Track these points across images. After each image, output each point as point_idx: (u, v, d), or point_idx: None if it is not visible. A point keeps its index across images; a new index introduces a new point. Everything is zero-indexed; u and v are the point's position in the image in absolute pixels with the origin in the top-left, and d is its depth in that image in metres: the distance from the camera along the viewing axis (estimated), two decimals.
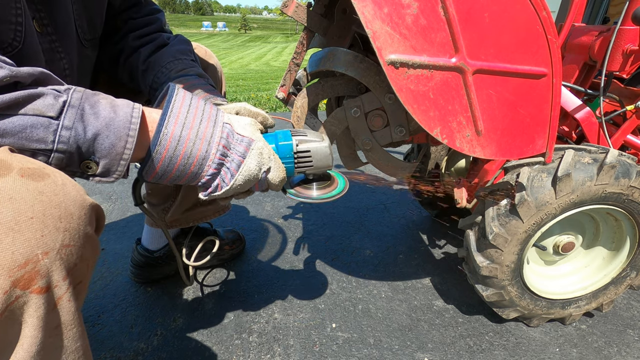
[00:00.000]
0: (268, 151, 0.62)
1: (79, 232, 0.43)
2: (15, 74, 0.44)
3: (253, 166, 0.60)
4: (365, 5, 0.58)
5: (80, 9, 0.71)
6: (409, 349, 0.99)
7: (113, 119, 0.50)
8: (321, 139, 0.69)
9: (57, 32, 0.66)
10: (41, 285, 0.39)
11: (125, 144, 0.51)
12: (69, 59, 0.70)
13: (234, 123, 0.61)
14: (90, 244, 0.45)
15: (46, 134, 0.46)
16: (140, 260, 1.18)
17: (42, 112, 0.46)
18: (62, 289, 0.41)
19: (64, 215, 0.42)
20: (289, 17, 0.76)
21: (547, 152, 0.75)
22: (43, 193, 0.41)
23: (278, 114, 3.52)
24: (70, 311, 0.43)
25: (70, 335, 0.44)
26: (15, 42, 0.56)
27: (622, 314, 1.13)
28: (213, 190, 0.61)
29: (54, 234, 0.40)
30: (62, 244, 0.41)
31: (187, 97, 0.57)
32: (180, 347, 0.99)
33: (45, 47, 0.64)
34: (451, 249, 1.42)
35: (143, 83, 0.83)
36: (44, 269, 0.39)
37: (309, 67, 0.87)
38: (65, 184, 0.44)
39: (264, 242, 1.44)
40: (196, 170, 0.57)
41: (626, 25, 0.98)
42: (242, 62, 18.35)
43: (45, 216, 0.40)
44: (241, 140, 0.59)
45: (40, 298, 0.39)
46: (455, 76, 0.64)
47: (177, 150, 0.55)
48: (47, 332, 0.40)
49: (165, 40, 0.87)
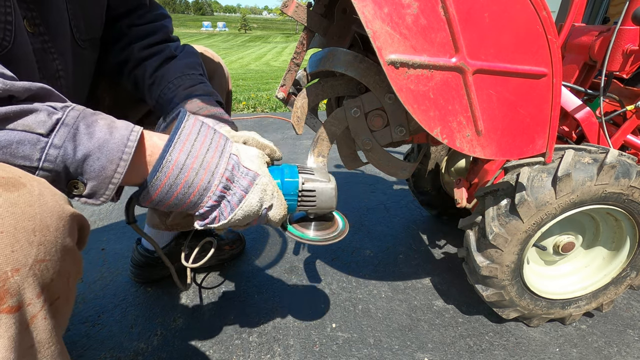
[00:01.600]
0: (272, 187, 0.61)
1: (55, 245, 0.40)
2: (9, 87, 0.43)
3: (255, 202, 0.58)
4: (365, 5, 0.58)
5: (76, 9, 0.70)
6: (409, 349, 0.99)
7: (107, 140, 0.48)
8: (328, 179, 0.68)
9: (49, 32, 0.65)
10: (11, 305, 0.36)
11: (116, 167, 0.49)
12: (63, 60, 0.69)
13: (242, 155, 0.60)
14: (69, 257, 0.43)
15: (32, 151, 0.44)
16: (141, 260, 1.18)
17: (31, 128, 0.44)
18: (36, 307, 0.39)
19: (39, 227, 0.39)
20: (289, 17, 0.76)
21: (547, 152, 0.75)
22: (16, 205, 0.38)
23: (278, 114, 3.52)
24: (47, 329, 0.40)
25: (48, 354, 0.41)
26: (5, 42, 0.55)
27: (622, 314, 1.13)
28: (210, 222, 0.59)
29: (26, 248, 0.37)
30: (36, 259, 0.38)
31: (196, 125, 0.56)
32: (180, 347, 0.99)
33: (36, 48, 0.63)
34: (451, 249, 1.42)
35: (149, 97, 0.82)
36: (14, 287, 0.36)
37: (308, 67, 0.86)
38: (42, 194, 0.41)
39: (264, 242, 1.44)
40: (195, 200, 0.56)
41: (626, 25, 0.98)
42: (242, 62, 18.35)
43: (16, 230, 0.37)
44: (246, 174, 0.58)
45: (10, 318, 0.36)
46: (455, 76, 0.64)
47: (179, 178, 0.53)
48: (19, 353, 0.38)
49: (172, 52, 0.85)
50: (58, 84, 0.68)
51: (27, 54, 0.60)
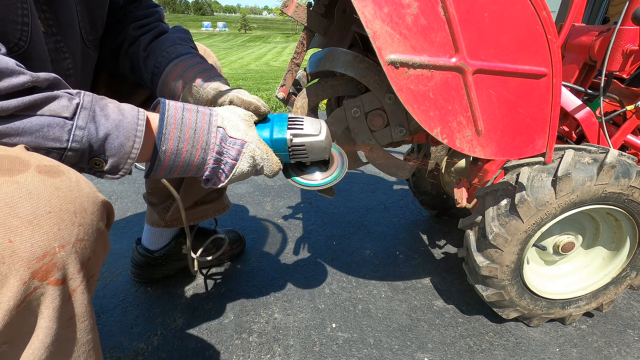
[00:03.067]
0: (260, 151, 0.65)
1: (92, 227, 0.45)
2: (35, 79, 0.47)
3: (245, 168, 0.64)
4: (366, 5, 0.58)
5: (83, 10, 0.72)
6: (409, 349, 0.99)
7: (122, 120, 0.53)
8: (317, 130, 0.68)
9: (61, 32, 0.67)
10: (57, 278, 0.40)
11: (133, 143, 0.54)
12: (73, 59, 0.71)
13: (227, 124, 0.63)
14: (102, 239, 0.47)
15: (61, 133, 0.48)
16: (141, 260, 1.18)
17: (57, 112, 0.48)
18: (76, 281, 0.43)
19: (79, 210, 0.43)
20: (289, 17, 0.76)
21: (547, 152, 0.75)
22: (59, 189, 0.42)
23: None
24: (84, 304, 0.44)
25: (83, 327, 0.45)
26: (22, 42, 0.57)
27: (622, 314, 1.13)
28: (212, 184, 0.66)
29: (69, 228, 0.41)
30: (77, 238, 0.42)
31: (178, 111, 0.60)
32: (180, 347, 0.99)
33: (50, 47, 0.65)
34: (451, 249, 1.42)
35: (145, 69, 0.84)
36: (61, 262, 0.40)
37: (308, 67, 0.86)
38: (79, 181, 0.45)
39: (264, 242, 1.44)
40: (196, 172, 0.63)
41: (626, 25, 0.98)
42: (242, 62, 18.35)
43: (61, 211, 0.41)
44: (234, 144, 0.63)
45: (56, 290, 0.40)
46: (455, 76, 0.64)
47: (176, 162, 0.60)
48: (61, 324, 0.41)
49: (164, 28, 0.89)
50: (68, 82, 0.71)
51: (41, 53, 0.62)
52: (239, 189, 1.86)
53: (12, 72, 0.46)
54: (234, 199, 1.76)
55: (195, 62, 0.79)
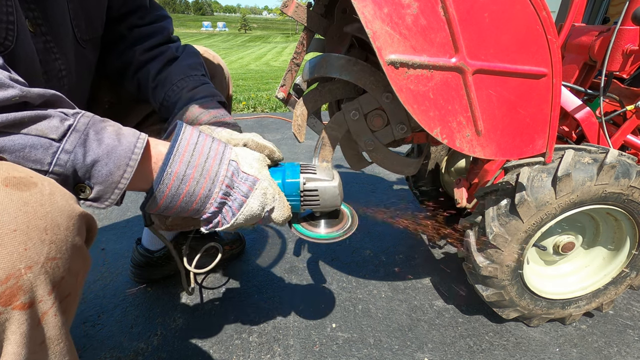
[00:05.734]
0: (272, 191, 0.62)
1: (66, 244, 0.41)
2: (25, 94, 0.44)
3: (255, 207, 0.60)
4: (365, 5, 0.58)
5: (77, 8, 0.70)
6: (409, 349, 0.99)
7: (115, 147, 0.50)
8: (331, 177, 0.67)
9: (51, 32, 0.65)
10: (24, 301, 0.37)
11: (123, 173, 0.51)
12: (65, 60, 0.69)
13: (241, 160, 0.61)
14: (79, 256, 0.44)
15: (44, 155, 0.46)
16: (141, 260, 1.18)
17: (45, 133, 0.45)
18: (47, 304, 0.40)
19: (50, 226, 0.40)
20: (289, 17, 0.76)
21: (547, 152, 0.75)
22: (28, 204, 0.39)
23: (278, 114, 3.52)
24: (57, 326, 0.41)
25: (58, 350, 0.42)
26: (7, 42, 0.55)
27: (622, 314, 1.13)
28: (214, 226, 0.61)
29: (38, 246, 0.38)
30: (48, 257, 0.39)
31: (194, 136, 0.57)
32: (180, 347, 0.99)
33: (39, 48, 0.63)
34: (451, 249, 1.42)
35: (153, 99, 0.82)
36: (27, 284, 0.37)
37: (304, 74, 0.86)
38: (53, 193, 0.42)
39: (264, 242, 1.44)
40: (198, 208, 0.58)
41: (626, 25, 0.98)
42: (242, 62, 18.34)
43: (29, 228, 0.38)
44: (246, 179, 0.59)
45: (23, 314, 0.37)
46: (455, 76, 0.64)
47: (180, 188, 0.55)
48: (31, 349, 0.39)
49: (174, 53, 0.86)
50: (61, 84, 0.69)
51: (30, 54, 0.60)
52: None
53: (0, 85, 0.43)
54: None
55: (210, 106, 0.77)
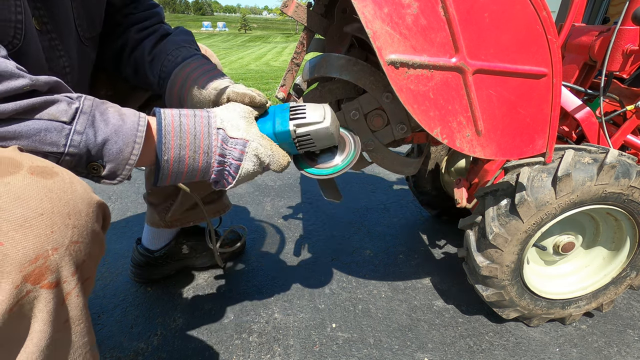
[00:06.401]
0: (264, 149, 0.63)
1: (87, 229, 0.44)
2: (34, 82, 0.47)
3: (250, 167, 0.63)
4: (366, 5, 0.58)
5: (79, 8, 0.71)
6: (409, 349, 0.99)
7: (121, 126, 0.53)
8: (322, 117, 0.65)
9: (56, 30, 0.66)
10: (51, 281, 0.40)
11: (132, 150, 0.54)
12: (69, 57, 0.70)
13: (227, 125, 0.62)
14: (97, 241, 0.46)
15: (59, 137, 0.48)
16: (141, 260, 1.18)
17: (56, 117, 0.48)
18: (70, 284, 0.42)
19: (73, 212, 0.43)
20: (289, 17, 0.76)
21: (547, 152, 0.75)
22: (52, 190, 0.42)
23: None
24: (79, 306, 0.44)
25: (78, 330, 0.45)
26: (16, 40, 0.56)
27: (622, 314, 1.13)
28: (221, 186, 0.66)
29: (63, 230, 0.41)
30: (71, 241, 0.42)
31: (175, 118, 0.59)
32: (180, 347, 0.99)
33: (44, 46, 0.64)
34: (451, 249, 1.42)
35: (151, 74, 0.83)
36: (54, 265, 0.40)
37: (304, 74, 0.86)
38: (73, 182, 0.45)
39: (264, 242, 1.44)
40: (202, 176, 0.63)
41: (626, 25, 0.98)
42: (242, 62, 18.32)
43: (54, 213, 0.41)
44: (236, 144, 0.62)
45: (50, 293, 0.40)
46: (455, 76, 0.64)
47: (180, 169, 0.60)
48: (56, 327, 0.41)
49: (167, 30, 0.88)
50: (65, 80, 0.70)
51: (36, 51, 0.62)
52: (239, 189, 1.86)
53: (12, 75, 0.45)
54: (233, 199, 1.76)
55: (198, 64, 0.78)
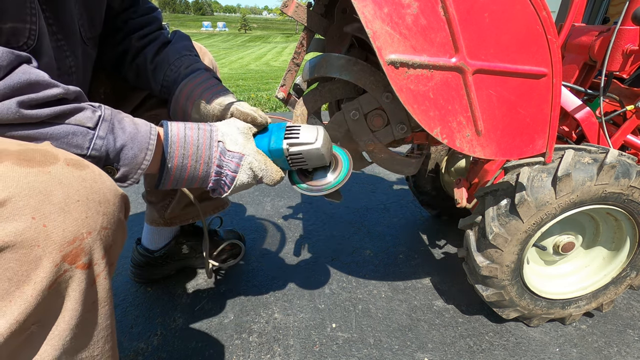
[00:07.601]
0: (258, 162, 0.68)
1: (114, 217, 0.48)
2: (66, 91, 0.53)
3: (244, 179, 0.68)
4: (365, 5, 0.58)
5: (81, 8, 0.73)
6: (409, 349, 0.99)
7: (136, 134, 0.59)
8: (314, 138, 0.68)
9: (62, 31, 0.68)
10: (85, 262, 0.43)
11: (145, 156, 0.59)
12: (74, 57, 0.72)
13: (227, 139, 0.68)
14: (121, 229, 0.50)
15: (83, 141, 0.54)
16: (141, 260, 1.18)
17: (82, 122, 0.53)
18: (100, 266, 0.45)
19: (103, 200, 0.46)
20: (289, 17, 0.76)
21: (547, 152, 0.75)
22: (85, 180, 0.45)
23: (278, 113, 3.52)
24: (105, 289, 0.47)
25: (103, 312, 0.48)
26: (30, 41, 0.59)
27: (622, 314, 1.13)
28: (217, 194, 0.71)
29: (95, 216, 0.45)
30: (102, 226, 0.45)
31: (180, 131, 0.65)
32: (180, 347, 0.99)
33: (52, 46, 0.66)
34: (451, 249, 1.42)
35: (154, 82, 0.87)
36: (88, 247, 0.43)
37: (304, 74, 0.86)
38: (101, 175, 0.49)
39: (264, 242, 1.44)
40: (201, 184, 0.68)
41: (626, 25, 0.98)
42: (242, 62, 18.33)
43: (88, 200, 0.44)
44: (233, 157, 0.67)
45: (83, 273, 0.43)
46: (455, 76, 0.64)
47: (181, 176, 0.65)
48: (85, 307, 0.44)
49: (167, 37, 0.91)
50: (71, 80, 0.72)
51: (48, 51, 0.64)
52: None
53: (48, 84, 0.51)
54: (233, 199, 1.76)
55: (203, 79, 0.82)
